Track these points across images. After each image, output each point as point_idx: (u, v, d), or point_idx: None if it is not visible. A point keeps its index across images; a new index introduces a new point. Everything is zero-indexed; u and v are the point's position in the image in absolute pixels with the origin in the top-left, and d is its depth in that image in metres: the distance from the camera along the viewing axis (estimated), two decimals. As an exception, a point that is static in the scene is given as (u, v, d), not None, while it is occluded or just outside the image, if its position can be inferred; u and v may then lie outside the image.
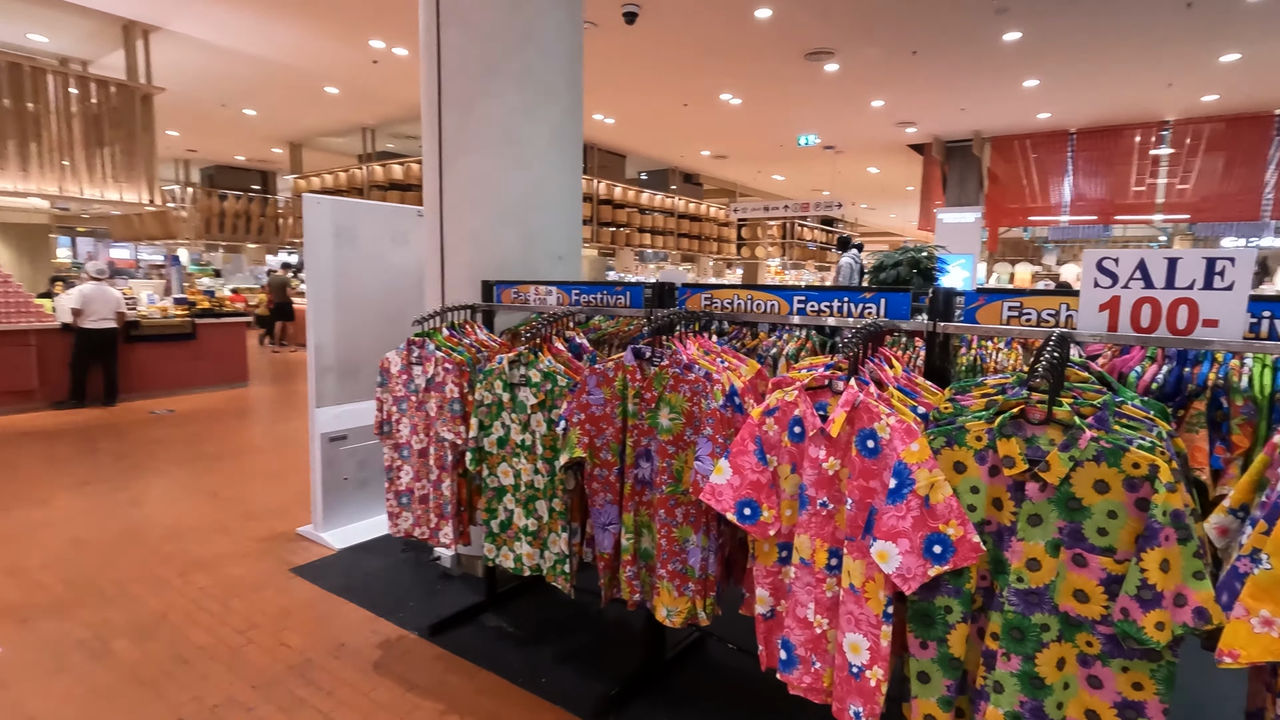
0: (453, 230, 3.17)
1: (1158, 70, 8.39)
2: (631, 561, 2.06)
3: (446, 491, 2.60)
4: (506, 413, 2.36)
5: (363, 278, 3.86)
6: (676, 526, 1.98)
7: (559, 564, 2.31)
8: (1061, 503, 1.37)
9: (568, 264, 3.36)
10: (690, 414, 1.94)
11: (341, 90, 10.15)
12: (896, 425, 1.52)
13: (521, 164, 3.10)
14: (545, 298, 2.74)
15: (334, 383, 3.80)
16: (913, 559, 1.46)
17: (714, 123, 11.47)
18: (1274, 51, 7.62)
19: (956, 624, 1.49)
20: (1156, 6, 6.52)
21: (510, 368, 2.33)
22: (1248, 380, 1.59)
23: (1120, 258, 1.57)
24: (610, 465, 2.09)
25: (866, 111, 10.55)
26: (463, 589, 3.23)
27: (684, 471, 1.97)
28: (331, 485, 3.81)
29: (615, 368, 2.06)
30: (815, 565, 1.68)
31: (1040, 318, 1.71)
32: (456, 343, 2.68)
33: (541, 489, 2.31)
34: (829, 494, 1.66)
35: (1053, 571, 1.39)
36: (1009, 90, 9.32)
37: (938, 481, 1.46)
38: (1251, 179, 10.90)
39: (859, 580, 1.58)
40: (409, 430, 2.70)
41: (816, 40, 7.68)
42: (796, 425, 1.72)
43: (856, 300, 1.99)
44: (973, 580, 1.48)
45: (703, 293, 2.30)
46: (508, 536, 2.44)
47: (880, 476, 1.55)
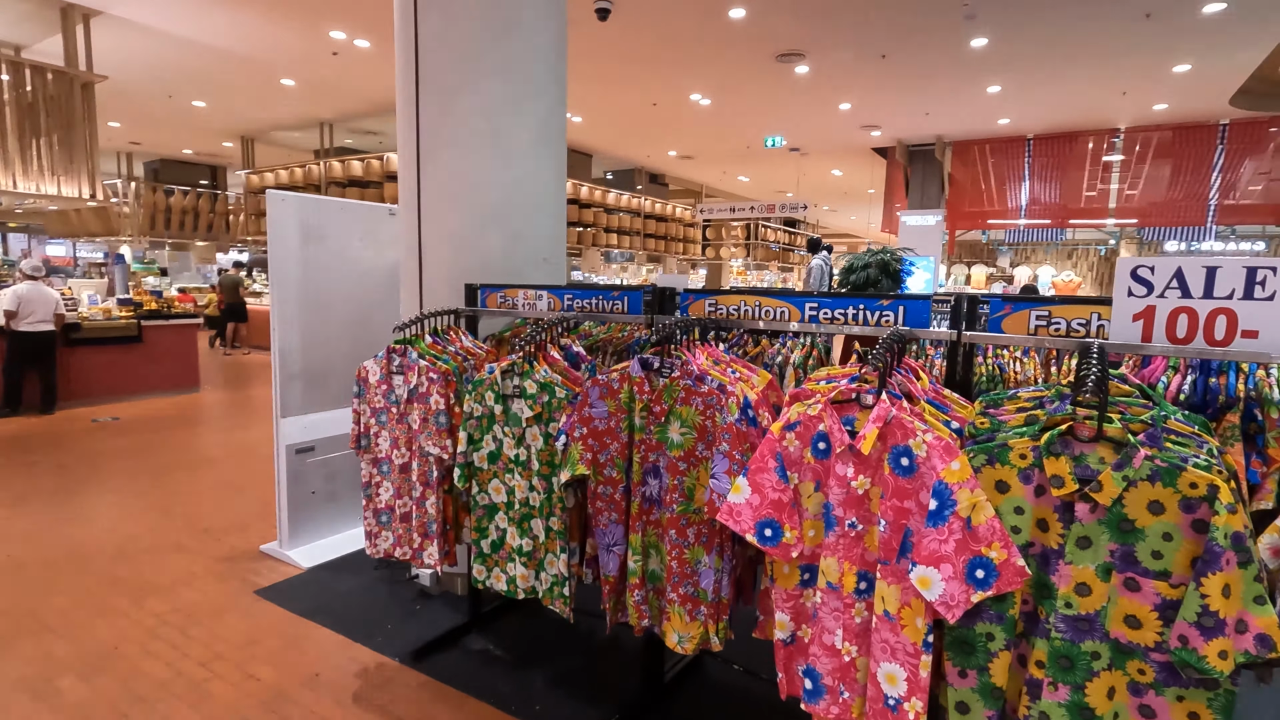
0: (432, 230, 3.00)
1: (1114, 79, 8.64)
2: (639, 585, 1.94)
3: (431, 509, 2.43)
4: (499, 426, 2.22)
5: (331, 279, 3.64)
6: (688, 547, 1.87)
7: (557, 587, 2.17)
8: (1113, 524, 1.31)
9: (553, 267, 3.22)
10: (703, 428, 1.83)
11: (298, 82, 9.76)
12: (934, 442, 1.44)
13: (505, 161, 2.95)
14: (535, 302, 2.60)
15: (300, 391, 3.58)
16: (956, 585, 1.38)
17: (683, 123, 11.41)
18: (1222, 62, 7.92)
19: (999, 652, 1.42)
20: (1118, 16, 6.69)
21: (503, 378, 2.19)
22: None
23: (1156, 266, 1.52)
24: (615, 483, 1.97)
25: (834, 114, 10.63)
26: (443, 609, 3.06)
27: (696, 489, 1.86)
28: (298, 499, 3.59)
29: (620, 379, 1.94)
30: (843, 589, 1.59)
31: (1070, 327, 1.65)
32: (441, 350, 2.52)
33: (537, 507, 2.18)
34: (858, 514, 1.57)
35: (1104, 597, 1.32)
36: (972, 95, 9.49)
37: (980, 502, 1.38)
38: (1197, 186, 11.35)
39: (894, 606, 1.49)
40: (389, 444, 2.53)
41: (788, 42, 7.67)
42: (821, 441, 1.62)
43: (873, 308, 1.91)
44: (1016, 606, 1.40)
45: (706, 298, 2.20)
46: (500, 557, 2.29)
47: (916, 496, 1.47)
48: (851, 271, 7.26)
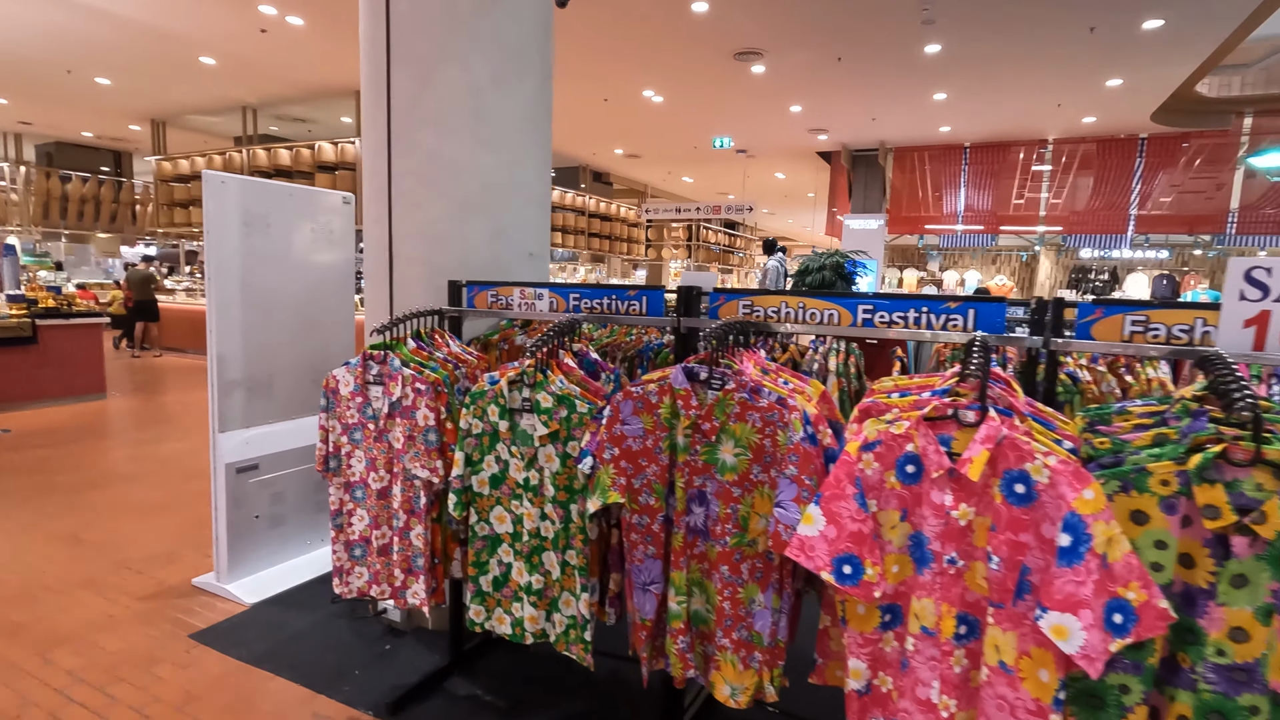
0: (405, 220, 2.64)
1: (1052, 90, 8.96)
2: (685, 630, 1.68)
3: (417, 541, 2.10)
4: (504, 445, 1.91)
5: (277, 274, 3.22)
6: (742, 585, 1.63)
7: (574, 630, 1.89)
8: (1275, 560, 1.15)
9: (538, 263, 2.92)
10: (760, 448, 1.60)
11: (220, 61, 8.96)
12: (1059, 467, 1.25)
13: (490, 145, 2.63)
14: (534, 303, 2.30)
15: (241, 401, 3.13)
16: (1096, 634, 1.19)
17: (633, 120, 11.18)
18: (1151, 78, 8.32)
19: (1135, 706, 1.24)
20: (1064, 29, 6.89)
21: (509, 390, 1.88)
22: (1389, 404, 1.45)
23: (1274, 268, 1.38)
24: (653, 511, 1.70)
25: (784, 116, 10.64)
26: (418, 648, 2.71)
27: (750, 518, 1.62)
28: (239, 525, 3.14)
29: (660, 391, 1.68)
30: (941, 635, 1.39)
31: (1170, 334, 1.50)
32: (427, 357, 2.19)
33: (551, 539, 1.89)
34: (959, 548, 1.37)
35: (1264, 643, 1.16)
36: (919, 103, 9.66)
37: (1115, 536, 1.20)
38: (1117, 196, 12.00)
39: (1010, 656, 1.29)
40: (365, 466, 2.18)
41: (748, 40, 7.56)
42: (910, 464, 1.41)
43: (938, 311, 1.72)
44: (1156, 654, 1.23)
45: (740, 299, 1.96)
46: (504, 596, 1.99)
47: (1035, 529, 1.28)
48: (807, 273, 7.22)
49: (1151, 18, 6.58)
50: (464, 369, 2.18)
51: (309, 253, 3.34)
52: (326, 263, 3.43)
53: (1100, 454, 1.33)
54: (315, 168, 10.31)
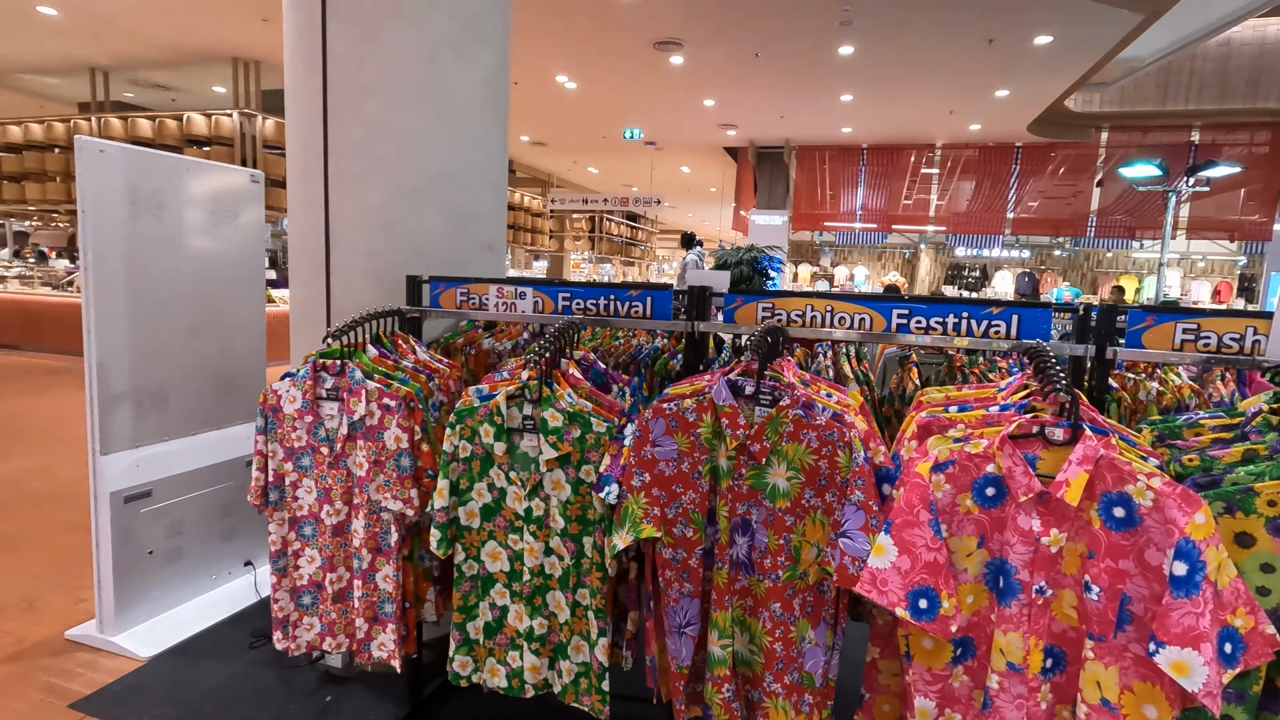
0: (345, 204, 2.27)
1: (947, 98, 9.48)
2: (730, 677, 1.49)
3: (385, 584, 1.78)
4: (499, 470, 1.64)
5: (172, 265, 2.71)
6: (794, 623, 1.47)
7: (585, 679, 1.65)
8: (1382, 580, 1.12)
9: (495, 256, 2.62)
10: (814, 470, 1.43)
11: (63, 13, 7.71)
12: (1165, 489, 1.17)
13: (448, 120, 2.31)
14: (515, 302, 2.02)
15: (129, 417, 2.61)
16: (1214, 668, 1.11)
17: (542, 106, 10.78)
18: (1033, 91, 8.99)
19: (1238, 736, 1.19)
20: (967, 40, 7.26)
21: (508, 406, 1.61)
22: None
23: (1329, 277, 1.37)
24: (691, 544, 1.50)
25: (697, 110, 10.62)
26: (367, 697, 2.35)
27: (803, 548, 1.46)
28: (129, 563, 2.62)
29: (698, 409, 1.47)
30: (1029, 671, 1.28)
31: (1221, 342, 1.47)
32: (393, 366, 1.86)
33: (559, 577, 1.64)
34: (1048, 577, 1.27)
35: (1370, 665, 1.13)
36: (827, 103, 9.94)
37: (1224, 561, 1.14)
38: (996, 200, 12.98)
39: (1114, 693, 1.20)
40: (316, 498, 1.82)
41: (669, 29, 7.42)
42: (990, 486, 1.30)
43: (979, 316, 1.63)
44: (1261, 681, 1.18)
45: (760, 301, 1.79)
46: (498, 644, 1.71)
47: (1136, 555, 1.19)
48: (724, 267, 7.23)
49: (1042, 34, 7.05)
50: (437, 380, 1.87)
51: (211, 239, 2.84)
52: (231, 250, 2.94)
53: (1191, 471, 1.27)
54: (184, 141, 9.16)
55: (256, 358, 3.12)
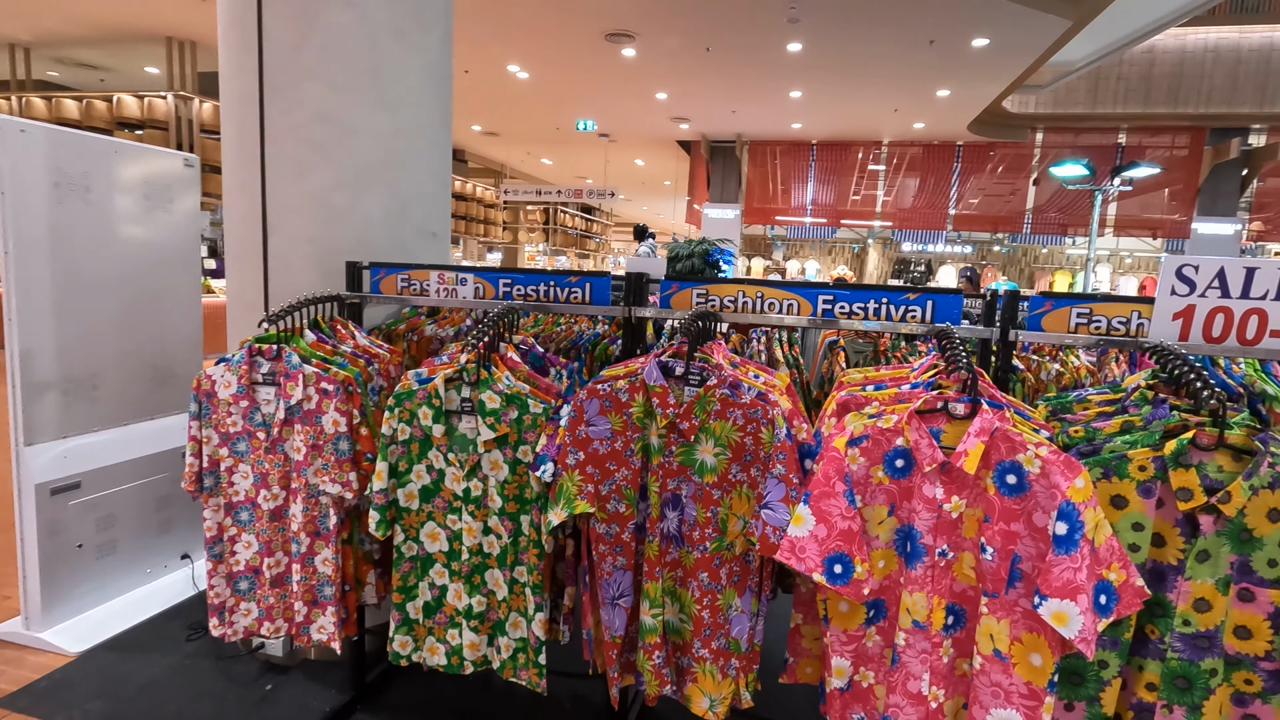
0: (283, 189, 2.24)
1: (891, 96, 9.76)
2: (661, 644, 1.56)
3: (324, 567, 1.79)
4: (437, 452, 1.67)
5: (100, 251, 2.63)
6: (720, 591, 1.54)
7: (524, 654, 1.70)
8: (1234, 535, 1.25)
9: (440, 243, 2.62)
10: (740, 447, 1.51)
11: (-22, -16, 7.29)
12: (1050, 457, 1.28)
13: (389, 105, 2.30)
14: (457, 288, 2.04)
15: (56, 406, 2.54)
16: (1089, 617, 1.23)
17: (494, 95, 10.66)
18: (973, 92, 9.33)
19: (1112, 680, 1.32)
20: (909, 40, 7.49)
21: (446, 389, 1.64)
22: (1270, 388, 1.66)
23: (1201, 265, 1.52)
24: (623, 519, 1.56)
25: (650, 103, 10.67)
26: (308, 685, 2.35)
27: (729, 521, 1.53)
28: (56, 557, 2.55)
29: (631, 389, 1.53)
30: (932, 627, 1.39)
31: (1110, 325, 1.61)
32: (332, 351, 1.86)
33: (497, 555, 1.68)
34: (950, 541, 1.37)
35: (1222, 611, 1.26)
36: (777, 99, 10.11)
37: (1101, 521, 1.25)
38: (938, 197, 13.42)
39: (1005, 644, 1.31)
40: (253, 482, 1.82)
41: (621, 21, 7.44)
42: (900, 458, 1.40)
43: (898, 301, 1.73)
44: (1131, 629, 1.31)
45: (694, 287, 1.86)
46: (437, 623, 1.75)
47: (1026, 518, 1.30)
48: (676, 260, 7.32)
49: (980, 37, 7.33)
50: (376, 365, 1.89)
51: (142, 224, 2.77)
52: (164, 237, 2.87)
53: (1076, 442, 1.39)
54: (114, 124, 8.76)
55: (193, 347, 3.05)
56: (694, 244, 7.22)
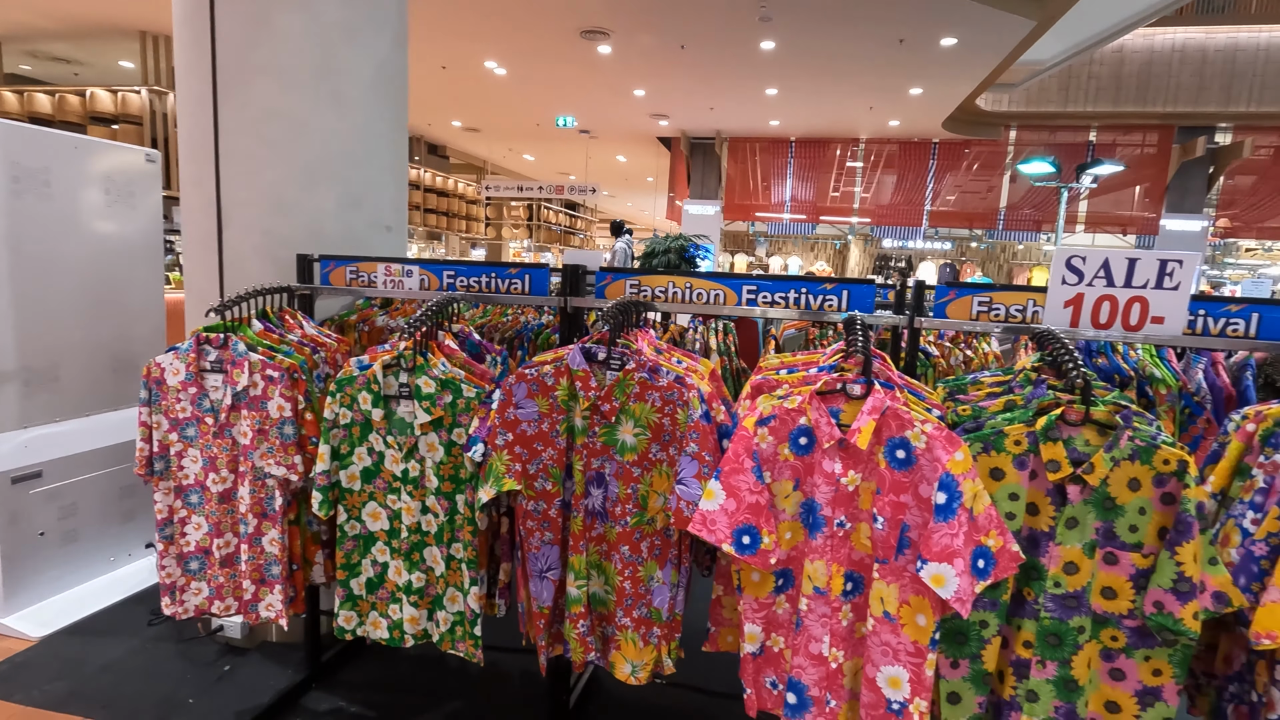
0: (237, 184, 2.31)
1: (865, 94, 9.89)
2: (585, 614, 1.65)
3: (272, 547, 1.87)
4: (378, 435, 1.75)
5: (62, 243, 2.69)
6: (642, 564, 1.64)
7: (461, 626, 1.79)
8: (1098, 503, 1.36)
9: (396, 237, 2.70)
10: (659, 427, 1.61)
11: (-54, -24, 7.24)
12: (934, 433, 1.39)
13: (341, 102, 2.37)
14: (402, 280, 2.12)
15: (16, 396, 2.59)
16: (966, 579, 1.34)
17: (473, 92, 10.69)
18: (944, 90, 9.47)
19: (991, 638, 1.42)
20: (879, 39, 7.61)
21: (384, 374, 1.73)
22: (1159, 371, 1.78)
23: (1088, 256, 1.62)
24: (550, 496, 1.65)
25: (628, 99, 10.74)
26: (266, 665, 2.43)
27: (650, 497, 1.63)
28: (18, 545, 2.61)
29: (556, 373, 1.62)
30: (831, 593, 1.49)
31: (1009, 313, 1.72)
32: (278, 340, 1.94)
33: (434, 533, 1.77)
34: (847, 512, 1.47)
35: (1089, 573, 1.37)
36: (753, 96, 10.21)
37: (979, 491, 1.36)
38: (915, 193, 13.59)
39: (894, 606, 1.42)
40: (202, 466, 1.89)
41: (595, 19, 7.51)
42: (803, 436, 1.50)
43: (816, 291, 1.83)
44: (1009, 591, 1.41)
45: (627, 278, 1.95)
46: (379, 599, 1.83)
47: (913, 490, 1.41)
48: (653, 255, 7.42)
49: (948, 36, 7.47)
50: (323, 353, 1.96)
51: (104, 219, 2.82)
52: (126, 231, 2.92)
53: (963, 420, 1.50)
54: (87, 119, 8.70)
55: (156, 339, 3.11)
56: (670, 239, 7.32)
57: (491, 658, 2.47)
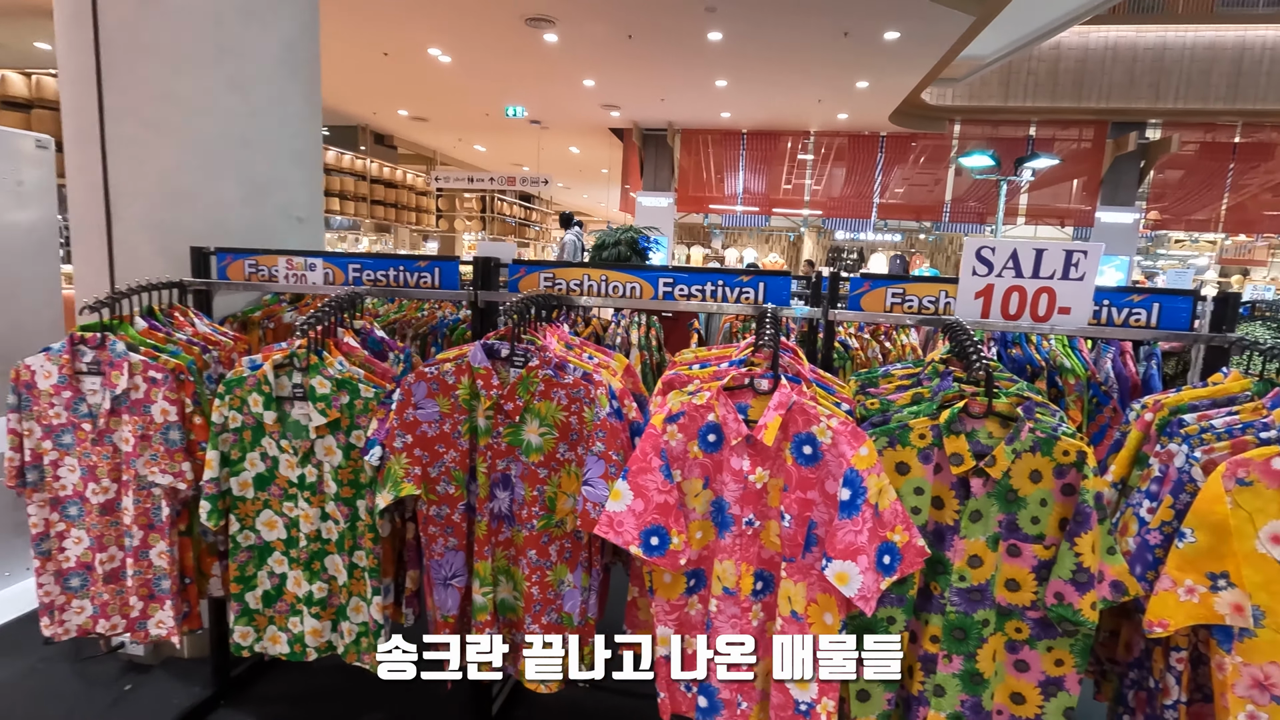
0: (128, 171, 2.16)
1: (813, 87, 9.96)
2: (491, 622, 1.59)
3: (160, 560, 1.75)
4: (271, 439, 1.65)
5: (-63, 236, 2.48)
6: (550, 568, 1.58)
7: (366, 638, 1.70)
8: (1001, 496, 1.35)
9: (310, 229, 2.56)
10: (565, 426, 1.54)
11: None
12: (839, 428, 1.36)
13: (239, 85, 2.23)
14: (305, 274, 2.01)
15: (-113, 403, 2.38)
16: (870, 576, 1.31)
17: (418, 80, 10.41)
18: (890, 84, 9.60)
19: (899, 634, 1.41)
20: (824, 32, 7.65)
21: (276, 375, 1.62)
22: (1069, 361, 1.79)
23: (997, 248, 1.62)
24: (454, 500, 1.58)
25: (578, 90, 10.60)
26: (171, 683, 2.30)
27: (558, 499, 1.57)
28: (-107, 564, 2.41)
29: (457, 371, 1.55)
30: (741, 593, 1.45)
31: (921, 304, 1.70)
32: (164, 339, 1.81)
33: (335, 540, 1.67)
34: (756, 510, 1.44)
35: (993, 566, 1.37)
36: (703, 87, 10.18)
37: (885, 487, 1.34)
38: (864, 186, 13.79)
39: (801, 605, 1.39)
40: (80, 476, 1.76)
41: (540, 5, 7.36)
42: (711, 433, 1.45)
43: (732, 284, 1.79)
44: (915, 586, 1.40)
45: (541, 271, 1.88)
46: (278, 612, 1.73)
47: (820, 486, 1.38)
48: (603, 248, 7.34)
49: (891, 30, 7.55)
50: (216, 352, 1.84)
51: (-13, 209, 2.61)
52: (16, 222, 2.72)
53: (871, 414, 1.47)
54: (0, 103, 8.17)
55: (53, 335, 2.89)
56: (621, 231, 7.24)
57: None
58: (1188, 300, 1.61)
